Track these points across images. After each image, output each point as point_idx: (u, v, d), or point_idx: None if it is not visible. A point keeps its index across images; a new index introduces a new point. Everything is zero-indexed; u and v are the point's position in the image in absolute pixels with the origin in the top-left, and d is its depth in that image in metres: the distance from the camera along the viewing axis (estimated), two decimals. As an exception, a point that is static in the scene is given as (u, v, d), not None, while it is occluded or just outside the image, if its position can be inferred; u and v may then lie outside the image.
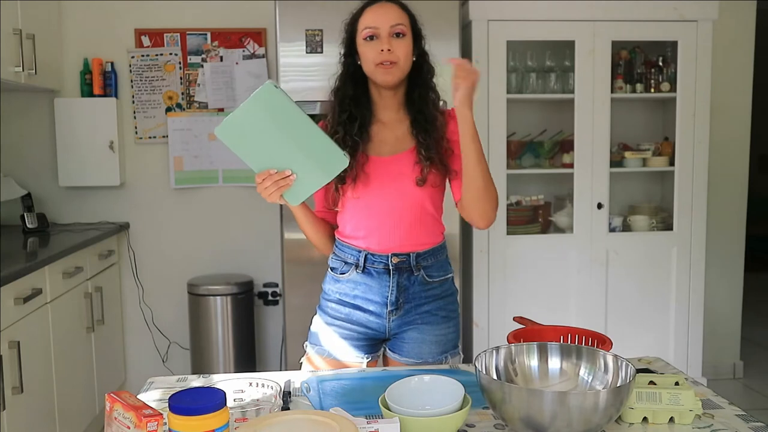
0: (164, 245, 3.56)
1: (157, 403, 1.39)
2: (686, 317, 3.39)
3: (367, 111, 1.71)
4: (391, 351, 1.77)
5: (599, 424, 1.10)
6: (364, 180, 1.67)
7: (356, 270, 1.72)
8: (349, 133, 1.67)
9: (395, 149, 1.70)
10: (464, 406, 1.18)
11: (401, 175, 1.67)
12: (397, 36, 1.63)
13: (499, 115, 3.20)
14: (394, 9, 1.65)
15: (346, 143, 1.65)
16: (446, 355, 1.77)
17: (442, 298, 1.77)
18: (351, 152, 1.63)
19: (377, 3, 1.65)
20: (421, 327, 1.74)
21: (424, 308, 1.74)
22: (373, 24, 1.63)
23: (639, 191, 3.66)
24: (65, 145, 3.35)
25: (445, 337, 1.76)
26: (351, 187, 1.67)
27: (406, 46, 1.64)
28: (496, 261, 3.25)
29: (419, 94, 1.70)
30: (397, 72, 1.64)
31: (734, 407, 1.33)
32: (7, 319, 2.22)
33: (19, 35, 2.85)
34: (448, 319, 1.78)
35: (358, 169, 1.67)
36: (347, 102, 1.69)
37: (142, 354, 3.60)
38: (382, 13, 1.63)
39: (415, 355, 1.74)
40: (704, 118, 3.32)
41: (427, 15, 3.03)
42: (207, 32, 3.49)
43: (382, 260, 1.70)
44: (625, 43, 3.36)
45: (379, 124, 1.73)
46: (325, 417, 1.12)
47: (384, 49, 1.61)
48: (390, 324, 1.74)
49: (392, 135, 1.72)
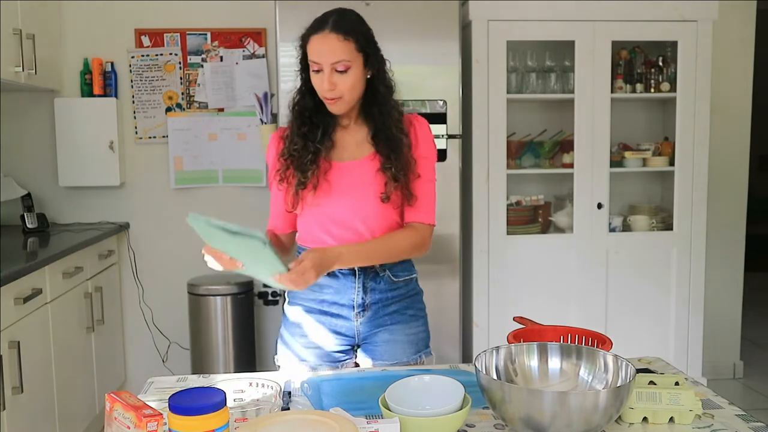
0: (164, 245, 3.56)
1: (157, 403, 1.39)
2: (686, 317, 3.39)
3: (330, 117, 1.69)
4: (364, 356, 1.77)
5: (599, 424, 1.10)
6: (326, 188, 1.66)
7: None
8: (311, 140, 1.66)
9: (355, 155, 1.69)
10: (464, 406, 1.18)
11: (363, 184, 1.66)
12: (340, 72, 1.58)
13: (499, 115, 3.20)
14: (335, 42, 1.57)
15: (308, 150, 1.65)
16: (420, 354, 1.77)
17: (408, 297, 1.77)
18: (313, 159, 1.64)
19: (320, 33, 1.58)
20: (391, 327, 1.74)
21: (391, 308, 1.74)
22: (315, 59, 1.59)
23: (639, 191, 3.66)
24: (65, 145, 3.35)
25: (417, 336, 1.77)
26: (311, 194, 1.67)
27: (349, 80, 1.59)
28: (496, 261, 3.25)
29: (378, 111, 1.67)
30: (342, 105, 1.63)
31: (734, 407, 1.33)
32: (7, 319, 2.22)
33: (19, 35, 2.85)
34: (417, 317, 1.78)
35: (320, 177, 1.66)
36: (306, 114, 1.68)
37: (142, 354, 3.60)
38: (324, 50, 1.57)
39: (389, 357, 1.73)
40: (704, 118, 3.32)
41: (427, 15, 3.07)
42: (207, 32, 3.49)
43: None
44: (625, 43, 3.36)
45: (340, 129, 1.72)
46: (325, 417, 1.12)
47: (326, 87, 1.59)
48: (359, 326, 1.73)
49: (352, 140, 1.71)
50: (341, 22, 1.59)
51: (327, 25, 1.58)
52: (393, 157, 1.64)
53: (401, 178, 1.64)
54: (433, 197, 1.72)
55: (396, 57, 3.00)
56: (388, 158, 1.64)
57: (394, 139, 1.66)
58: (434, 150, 1.74)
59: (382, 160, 1.65)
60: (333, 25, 1.58)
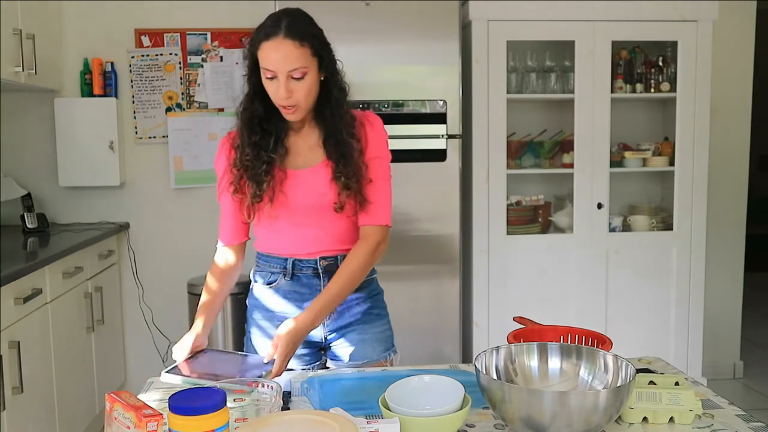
0: (164, 245, 3.56)
1: (157, 403, 1.39)
2: (686, 317, 3.38)
3: (282, 122, 1.64)
4: (333, 360, 1.77)
5: (599, 424, 1.10)
6: (282, 200, 1.63)
7: (284, 277, 1.70)
8: (264, 148, 1.61)
9: (308, 161, 1.66)
10: (464, 406, 1.18)
11: (319, 195, 1.64)
12: (296, 78, 1.54)
13: (499, 115, 3.20)
14: (291, 49, 1.51)
15: (262, 160, 1.61)
16: (389, 352, 1.78)
17: (371, 297, 1.78)
18: (267, 169, 1.60)
19: (273, 39, 1.52)
20: (359, 327, 1.74)
21: (356, 309, 1.74)
22: (270, 67, 1.53)
23: (639, 191, 3.66)
24: (65, 145, 3.35)
25: (384, 335, 1.78)
26: (268, 206, 1.63)
27: (306, 86, 1.55)
28: (496, 261, 3.25)
29: (331, 114, 1.63)
30: (299, 113, 1.59)
31: (734, 407, 1.33)
32: (7, 319, 2.22)
33: (19, 35, 2.85)
34: (381, 316, 1.79)
35: (276, 188, 1.62)
36: (256, 122, 1.62)
37: (142, 354, 3.60)
38: (278, 58, 1.51)
39: (360, 357, 1.74)
40: (704, 118, 3.32)
41: (427, 15, 3.07)
42: (207, 32, 3.49)
43: (310, 265, 1.69)
44: (625, 43, 3.36)
45: (293, 133, 1.68)
46: (325, 417, 1.12)
47: (282, 96, 1.54)
48: (326, 330, 1.73)
49: (305, 144, 1.67)
50: (294, 26, 1.53)
51: (280, 30, 1.52)
52: (343, 163, 1.61)
53: (353, 185, 1.61)
54: (388, 198, 1.70)
55: (396, 57, 3.05)
56: (339, 165, 1.61)
57: (345, 144, 1.62)
58: (387, 148, 1.71)
59: (333, 167, 1.62)
60: (287, 30, 1.52)
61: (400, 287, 3.02)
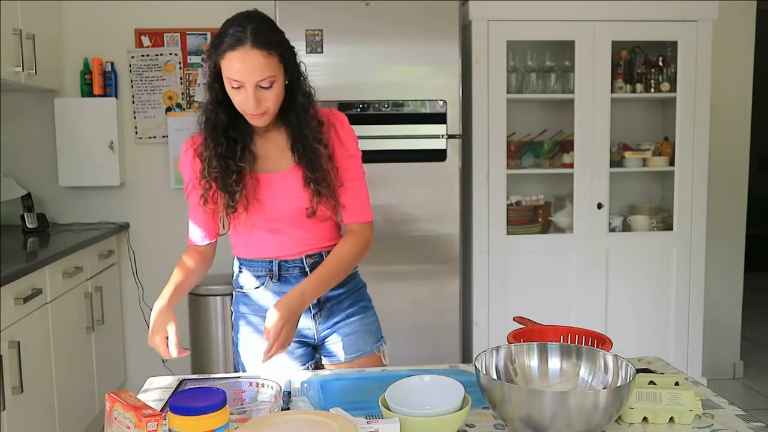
0: (164, 245, 3.56)
1: (157, 403, 1.39)
2: (686, 317, 3.38)
3: (247, 127, 1.61)
4: (328, 357, 1.78)
5: (599, 424, 1.10)
6: (258, 208, 1.61)
7: (272, 280, 1.70)
8: (231, 158, 1.58)
9: (279, 164, 1.64)
10: (464, 406, 1.18)
11: (294, 198, 1.62)
12: (264, 87, 1.51)
13: (499, 115, 3.20)
14: (259, 59, 1.47)
15: (231, 170, 1.57)
16: (380, 343, 1.80)
17: (357, 290, 1.80)
18: (238, 179, 1.57)
19: (239, 49, 1.46)
20: (351, 321, 1.76)
21: (345, 303, 1.76)
22: (237, 78, 1.48)
23: (639, 191, 3.66)
24: (65, 145, 3.35)
25: (373, 326, 1.81)
26: (244, 215, 1.61)
27: (274, 94, 1.52)
28: (496, 261, 3.25)
29: (296, 117, 1.60)
30: (267, 118, 1.56)
31: (734, 407, 1.33)
32: (7, 319, 2.22)
33: (19, 35, 2.85)
34: (368, 308, 1.82)
35: (249, 196, 1.60)
36: (220, 132, 1.58)
37: (142, 354, 3.59)
38: (246, 68, 1.47)
39: (353, 349, 1.76)
40: (704, 118, 3.32)
41: (427, 15, 3.07)
42: (207, 32, 3.49)
43: (296, 264, 1.69)
44: (625, 43, 3.36)
45: (258, 138, 1.65)
46: (325, 417, 1.12)
47: (252, 107, 1.51)
48: (318, 326, 1.74)
49: (274, 147, 1.65)
50: (261, 34, 1.48)
51: (246, 39, 1.47)
52: (311, 168, 1.59)
53: (324, 190, 1.60)
54: (365, 194, 1.70)
55: (396, 57, 3.05)
56: (308, 170, 1.60)
57: (312, 150, 1.60)
58: (356, 145, 1.69)
59: (303, 172, 1.61)
60: (253, 39, 1.47)
61: (400, 287, 3.03)
